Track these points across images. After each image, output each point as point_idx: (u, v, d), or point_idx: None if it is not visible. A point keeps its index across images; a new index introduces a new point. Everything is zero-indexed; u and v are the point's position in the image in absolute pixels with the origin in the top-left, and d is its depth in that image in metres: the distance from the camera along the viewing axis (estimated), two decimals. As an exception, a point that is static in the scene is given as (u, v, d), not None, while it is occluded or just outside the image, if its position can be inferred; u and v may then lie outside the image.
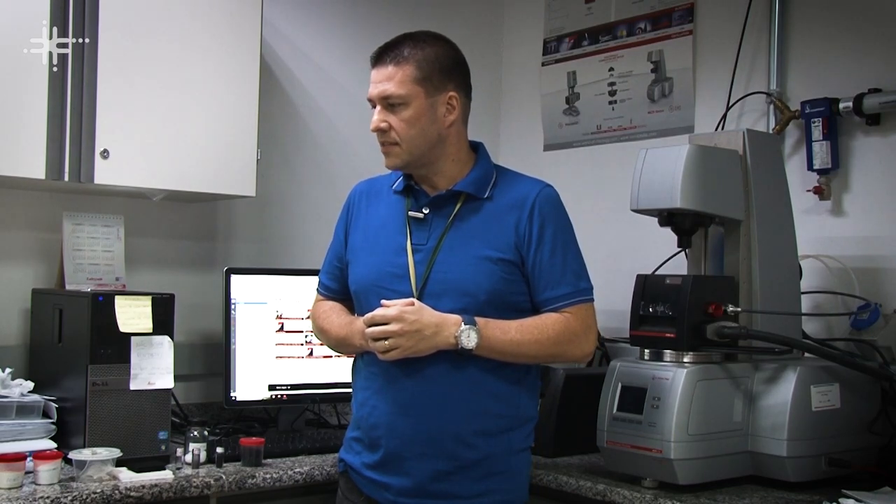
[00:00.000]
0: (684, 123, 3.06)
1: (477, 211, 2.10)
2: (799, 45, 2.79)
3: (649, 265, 2.62)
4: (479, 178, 2.13)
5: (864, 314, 2.49)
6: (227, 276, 2.75)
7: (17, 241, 2.65)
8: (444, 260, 2.06)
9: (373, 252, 2.14)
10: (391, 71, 2.06)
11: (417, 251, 2.08)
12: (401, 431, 2.04)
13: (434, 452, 2.02)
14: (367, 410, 2.10)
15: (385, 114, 2.07)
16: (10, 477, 2.05)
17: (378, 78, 2.07)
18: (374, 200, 2.21)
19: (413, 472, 2.03)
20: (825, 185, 2.66)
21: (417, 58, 2.07)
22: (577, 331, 2.07)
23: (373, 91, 2.08)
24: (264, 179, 2.87)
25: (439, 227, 2.10)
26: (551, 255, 2.07)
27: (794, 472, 2.19)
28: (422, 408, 2.03)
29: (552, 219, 2.10)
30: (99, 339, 2.29)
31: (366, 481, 2.11)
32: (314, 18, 3.25)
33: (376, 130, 2.09)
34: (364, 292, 2.13)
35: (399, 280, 2.07)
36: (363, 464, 2.11)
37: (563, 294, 2.07)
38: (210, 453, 2.37)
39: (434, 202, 2.12)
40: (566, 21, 3.45)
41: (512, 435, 2.08)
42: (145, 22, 2.49)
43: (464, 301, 2.03)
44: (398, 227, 2.13)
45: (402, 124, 2.06)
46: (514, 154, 3.48)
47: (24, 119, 2.31)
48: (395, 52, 2.07)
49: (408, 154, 2.08)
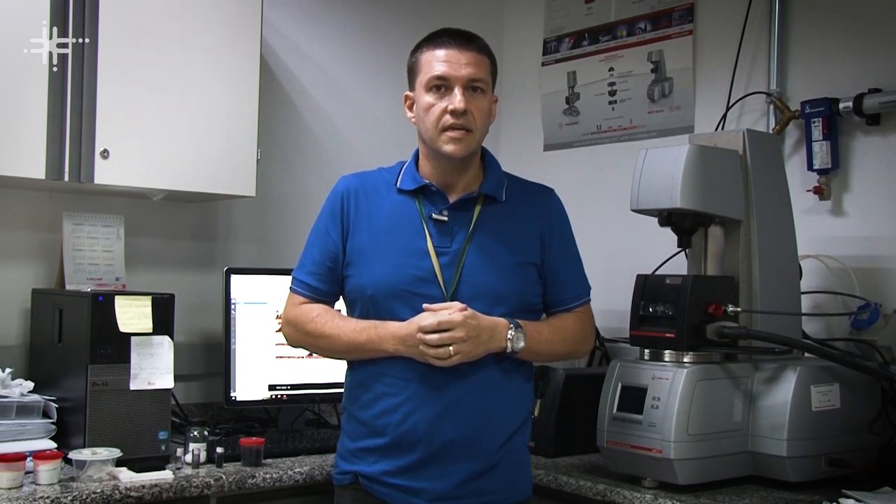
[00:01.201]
0: (684, 123, 3.06)
1: (497, 214, 2.09)
2: (799, 45, 2.79)
3: (649, 265, 2.62)
4: (496, 182, 2.13)
5: (864, 314, 2.49)
6: (227, 276, 2.75)
7: (17, 241, 2.65)
8: (474, 263, 2.04)
9: (387, 254, 2.06)
10: (478, 57, 2.03)
11: (442, 254, 2.04)
12: (441, 435, 2.00)
13: (471, 454, 2.01)
14: (397, 417, 2.01)
15: (467, 98, 2.01)
16: (10, 477, 2.05)
17: (463, 60, 2.01)
18: (372, 198, 2.12)
19: (449, 474, 2.01)
20: (825, 185, 2.66)
21: (491, 53, 2.09)
22: (587, 330, 2.19)
23: (458, 71, 2.00)
24: (264, 179, 2.87)
25: (462, 230, 2.07)
26: (565, 257, 2.14)
27: (794, 472, 2.19)
28: (464, 410, 2.00)
29: (564, 223, 2.18)
30: (99, 339, 2.29)
31: (390, 489, 2.03)
32: (314, 18, 3.25)
33: (460, 112, 1.99)
34: (385, 296, 2.03)
35: (426, 284, 2.02)
36: (385, 472, 2.03)
37: (576, 294, 2.16)
38: (210, 453, 2.37)
39: (456, 205, 2.08)
40: (566, 21, 3.46)
41: (524, 429, 2.12)
42: (145, 22, 2.49)
43: (497, 305, 2.03)
44: (414, 228, 2.07)
45: (479, 112, 2.04)
46: (514, 154, 3.48)
47: (24, 119, 2.31)
48: (477, 40, 2.06)
49: (475, 143, 2.06)
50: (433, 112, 2.03)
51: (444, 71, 2.01)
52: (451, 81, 2.01)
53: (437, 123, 2.02)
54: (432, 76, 2.02)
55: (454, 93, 2.01)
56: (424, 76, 2.04)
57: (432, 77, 2.02)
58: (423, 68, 2.05)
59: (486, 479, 2.03)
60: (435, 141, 2.04)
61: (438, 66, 2.02)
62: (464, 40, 2.04)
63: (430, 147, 2.07)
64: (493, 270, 2.05)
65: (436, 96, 2.03)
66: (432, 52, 2.04)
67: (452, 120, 2.01)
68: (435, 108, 2.02)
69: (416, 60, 2.08)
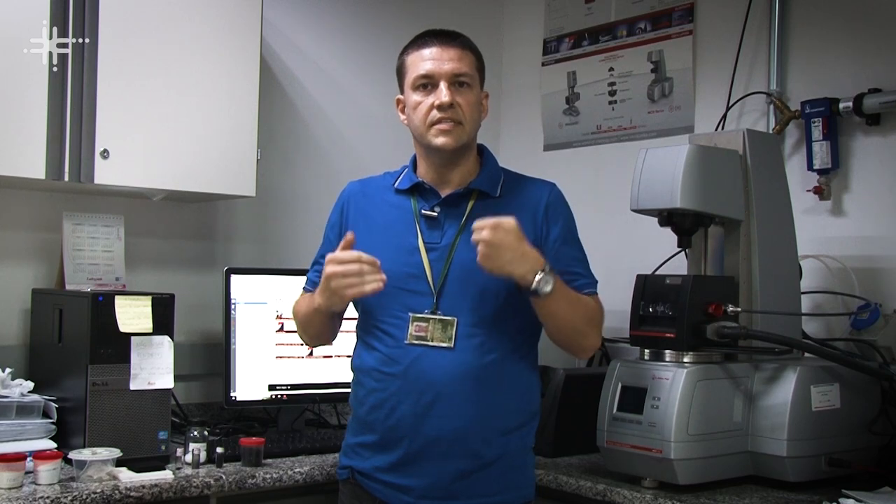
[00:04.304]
0: (684, 123, 3.06)
1: (490, 209, 2.07)
2: (799, 45, 2.79)
3: (649, 265, 2.62)
4: (491, 177, 2.13)
5: (864, 314, 2.49)
6: (227, 276, 2.75)
7: (17, 241, 2.65)
8: (463, 258, 2.03)
9: (382, 251, 2.06)
10: (460, 52, 2.06)
11: (431, 250, 2.06)
12: (425, 431, 2.00)
13: (458, 452, 2.00)
14: (384, 412, 2.04)
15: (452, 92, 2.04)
16: (10, 477, 2.05)
17: (445, 56, 2.05)
18: (372, 200, 2.17)
19: (435, 472, 2.01)
20: (825, 185, 2.66)
21: (475, 49, 2.12)
22: (599, 315, 2.10)
23: (441, 67, 2.04)
24: (264, 179, 2.87)
25: (453, 225, 2.08)
26: (566, 249, 2.10)
27: (794, 472, 2.19)
28: (446, 407, 1.99)
29: (565, 216, 2.15)
30: (99, 339, 2.29)
31: (381, 485, 2.05)
32: (314, 18, 3.25)
33: (446, 105, 2.02)
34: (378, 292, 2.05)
35: (415, 279, 2.04)
36: (375, 467, 2.06)
37: (582, 284, 2.09)
38: (210, 453, 2.37)
39: (447, 200, 2.10)
40: (566, 21, 3.46)
41: (524, 431, 2.09)
42: (145, 22, 2.49)
43: (484, 301, 2.02)
44: (406, 226, 2.10)
45: (467, 104, 2.06)
46: (514, 154, 3.48)
47: (24, 119, 2.31)
48: (460, 37, 2.10)
49: (466, 135, 2.07)
50: (420, 109, 2.06)
51: (429, 69, 2.04)
52: (436, 78, 2.04)
53: (425, 119, 2.05)
54: (417, 75, 2.06)
55: (440, 88, 2.04)
56: (410, 76, 2.08)
57: (417, 76, 2.06)
58: (410, 69, 2.09)
59: (478, 480, 2.01)
60: (425, 136, 2.06)
61: (423, 65, 2.05)
62: (446, 38, 2.08)
63: (421, 144, 2.10)
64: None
65: (422, 94, 2.06)
66: (417, 53, 2.08)
67: (440, 114, 2.04)
68: (422, 105, 2.05)
69: (403, 63, 2.12)
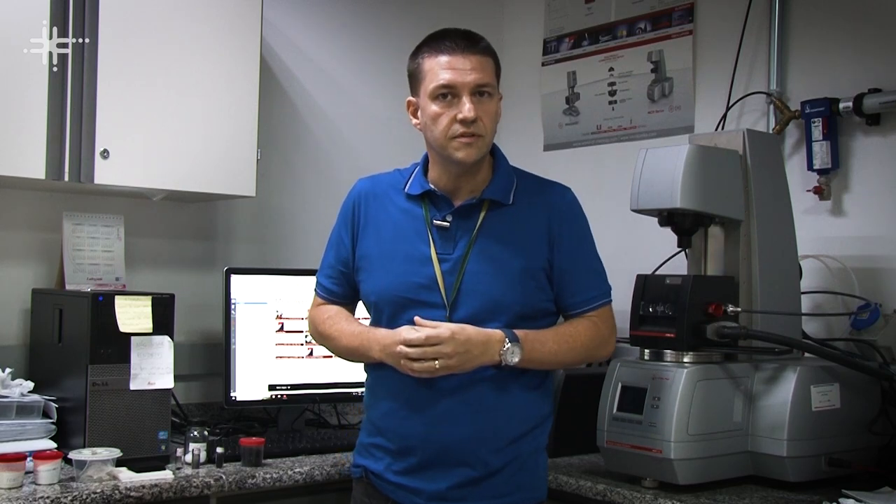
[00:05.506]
0: (684, 123, 3.06)
1: (502, 218, 2.04)
2: (799, 45, 2.79)
3: (649, 265, 2.62)
4: (503, 185, 2.07)
5: (864, 314, 2.49)
6: (227, 276, 2.75)
7: (17, 241, 2.65)
8: (475, 270, 2.00)
9: (392, 260, 2.04)
10: (482, 60, 1.96)
11: (444, 261, 2.01)
12: (435, 442, 1.99)
13: (470, 460, 1.99)
14: (395, 421, 2.03)
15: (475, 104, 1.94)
16: (10, 477, 2.05)
17: (468, 65, 1.94)
18: (381, 202, 2.10)
19: (446, 477, 2.00)
20: (825, 185, 2.66)
21: (493, 52, 2.02)
22: (605, 335, 2.08)
23: (464, 78, 1.94)
24: (264, 179, 2.87)
25: (465, 235, 2.03)
26: (578, 259, 2.07)
27: (794, 472, 2.19)
28: (456, 419, 1.98)
29: (578, 223, 2.10)
30: (99, 339, 2.29)
31: (393, 487, 2.05)
32: (314, 18, 3.25)
33: (470, 121, 1.94)
34: (388, 303, 2.03)
35: (428, 291, 2.00)
36: (387, 470, 2.05)
37: (591, 297, 2.06)
38: (210, 453, 2.37)
39: (459, 211, 2.04)
40: (566, 21, 3.46)
41: (536, 433, 2.07)
42: (145, 22, 2.50)
43: (499, 313, 1.99)
44: (418, 234, 2.04)
45: (488, 117, 1.98)
46: (514, 154, 3.41)
47: (24, 119, 2.32)
48: (482, 42, 1.99)
49: (486, 147, 2.01)
50: (441, 121, 1.96)
51: (450, 79, 1.94)
52: (458, 89, 1.94)
53: (446, 132, 1.96)
54: (437, 85, 1.95)
55: (462, 101, 1.94)
56: (429, 84, 1.97)
57: (438, 86, 1.95)
58: (427, 76, 1.98)
59: (488, 484, 2.01)
60: (445, 149, 1.98)
61: (443, 74, 1.94)
62: (467, 43, 1.97)
63: (439, 154, 2.02)
64: (496, 278, 2.00)
65: (442, 105, 1.96)
66: (435, 59, 1.97)
67: (462, 129, 1.95)
68: (443, 117, 1.96)
69: (419, 66, 2.00)
